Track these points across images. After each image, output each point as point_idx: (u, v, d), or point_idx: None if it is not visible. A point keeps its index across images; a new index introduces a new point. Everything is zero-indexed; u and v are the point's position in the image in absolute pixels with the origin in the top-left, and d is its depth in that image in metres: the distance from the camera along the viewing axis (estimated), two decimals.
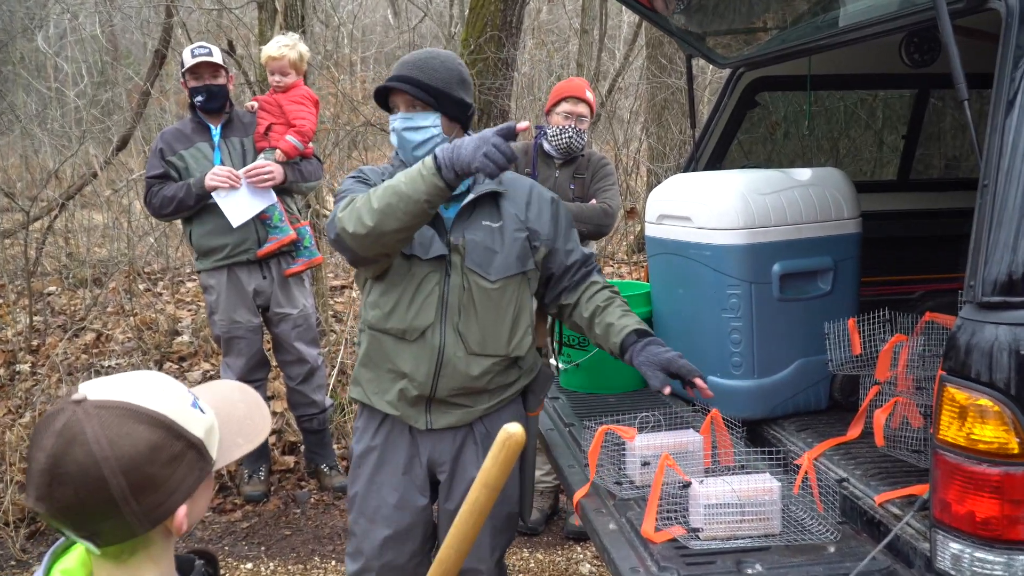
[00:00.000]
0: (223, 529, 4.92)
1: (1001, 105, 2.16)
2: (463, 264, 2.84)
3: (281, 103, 4.85)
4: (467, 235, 2.85)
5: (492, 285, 2.86)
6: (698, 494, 2.55)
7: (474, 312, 2.85)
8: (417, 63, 2.84)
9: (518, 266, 2.91)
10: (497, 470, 1.86)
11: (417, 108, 2.83)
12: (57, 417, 1.37)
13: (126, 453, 1.36)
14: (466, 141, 2.49)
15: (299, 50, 4.95)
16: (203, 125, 4.85)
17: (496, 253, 2.87)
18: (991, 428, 2.04)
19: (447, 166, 2.49)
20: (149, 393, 1.43)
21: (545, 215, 2.99)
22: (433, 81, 2.81)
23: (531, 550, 4.63)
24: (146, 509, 1.38)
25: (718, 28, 4.00)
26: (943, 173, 5.11)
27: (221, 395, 1.64)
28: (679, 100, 10.58)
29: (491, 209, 2.92)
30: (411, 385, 2.88)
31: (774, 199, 3.24)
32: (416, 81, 2.80)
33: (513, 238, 2.90)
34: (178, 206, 4.74)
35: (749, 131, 4.79)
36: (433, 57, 2.87)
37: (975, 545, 2.08)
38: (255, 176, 4.69)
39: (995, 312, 2.08)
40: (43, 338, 7.15)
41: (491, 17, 7.62)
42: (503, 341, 2.90)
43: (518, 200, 2.97)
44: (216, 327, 4.95)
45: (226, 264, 4.82)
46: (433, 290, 2.83)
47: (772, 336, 3.26)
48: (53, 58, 12.92)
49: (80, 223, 9.59)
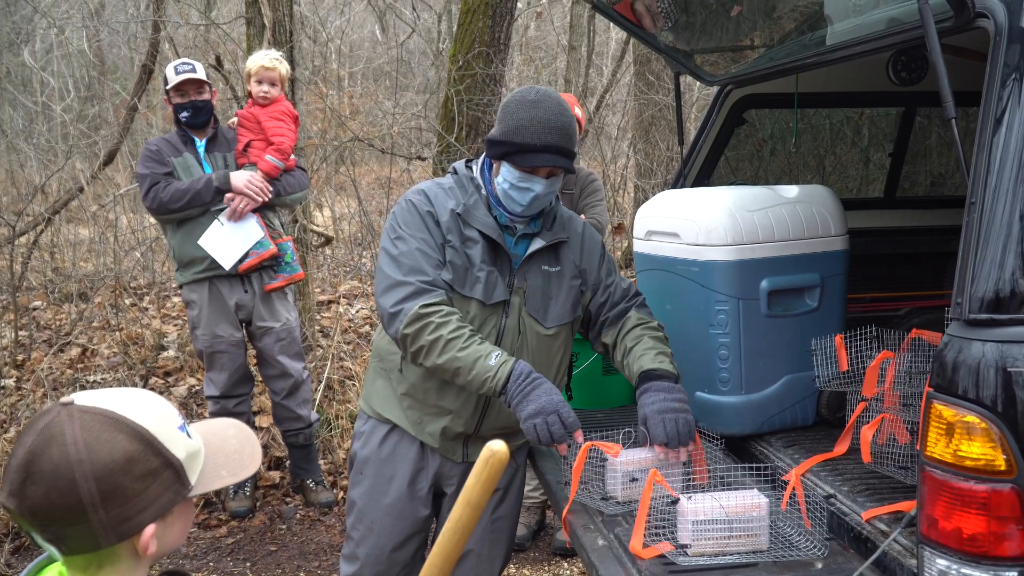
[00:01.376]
0: (208, 545, 4.89)
1: (989, 123, 2.17)
2: (522, 308, 2.82)
3: (260, 119, 4.84)
4: (529, 279, 2.83)
5: (547, 331, 2.86)
6: (686, 510, 2.54)
7: (527, 355, 2.84)
8: (565, 129, 2.68)
9: (571, 314, 2.92)
10: (480, 488, 1.85)
11: (557, 175, 2.75)
12: (43, 417, 1.38)
13: (101, 459, 1.35)
14: (539, 394, 2.52)
15: (286, 66, 4.98)
16: (188, 138, 4.87)
17: (552, 299, 2.86)
18: (978, 445, 2.04)
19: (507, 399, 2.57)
20: (136, 407, 1.43)
21: (595, 258, 3.00)
22: (572, 147, 2.72)
23: (518, 566, 4.61)
24: (113, 520, 1.37)
25: (706, 46, 4.02)
26: (929, 191, 5.14)
27: (215, 430, 1.64)
28: (667, 117, 10.62)
29: (551, 253, 2.89)
30: (456, 423, 2.86)
31: (762, 216, 3.25)
32: (569, 153, 2.71)
33: (570, 286, 2.90)
34: (192, 199, 4.72)
35: (736, 148, 4.81)
36: (570, 119, 2.71)
37: (962, 562, 2.08)
38: (233, 212, 4.74)
39: (982, 329, 2.08)
40: (28, 353, 7.11)
41: (479, 33, 7.63)
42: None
43: (574, 244, 2.95)
44: (198, 342, 4.94)
45: (207, 276, 4.82)
46: (491, 333, 2.80)
47: (760, 352, 3.26)
48: (39, 73, 12.89)
49: (66, 238, 9.56)
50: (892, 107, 4.86)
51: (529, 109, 2.67)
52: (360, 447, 3.05)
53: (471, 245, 2.76)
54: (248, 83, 4.94)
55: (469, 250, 2.76)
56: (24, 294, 8.08)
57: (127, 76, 14.46)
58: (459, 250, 2.75)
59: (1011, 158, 2.12)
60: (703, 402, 3.33)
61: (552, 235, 2.86)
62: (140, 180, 4.83)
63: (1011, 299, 2.07)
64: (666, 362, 2.88)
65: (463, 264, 2.75)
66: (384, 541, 3.00)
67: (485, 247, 2.77)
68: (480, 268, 2.75)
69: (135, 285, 8.95)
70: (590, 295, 2.99)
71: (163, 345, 7.34)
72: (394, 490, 2.98)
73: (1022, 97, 2.14)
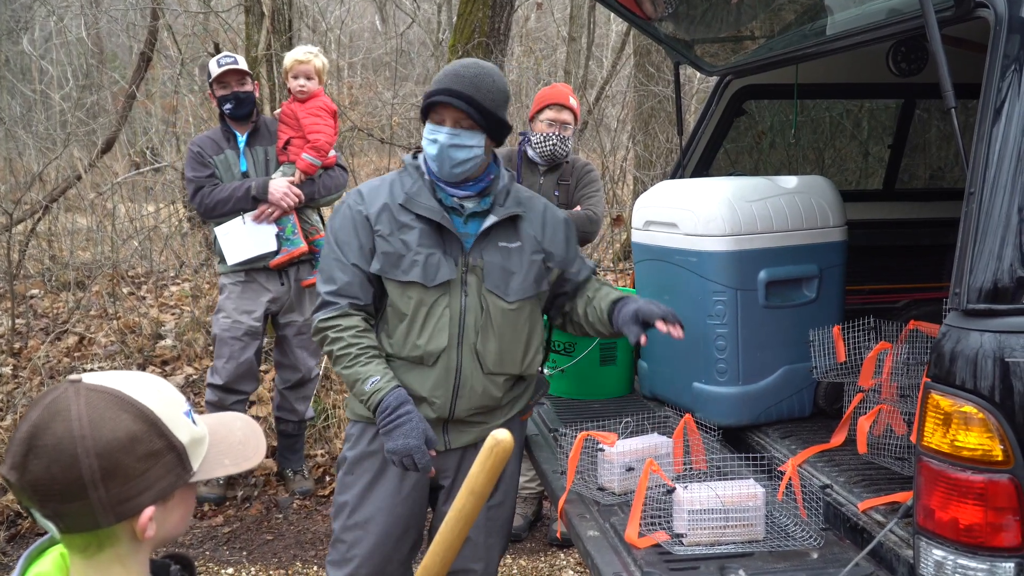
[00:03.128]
0: (204, 534, 4.89)
1: (988, 114, 2.17)
2: (481, 286, 2.84)
3: (298, 115, 4.86)
4: (485, 256, 2.85)
5: (510, 306, 2.87)
6: (682, 500, 2.54)
7: (492, 332, 2.85)
8: (473, 80, 2.77)
9: (534, 288, 2.92)
10: (484, 477, 1.85)
11: (465, 126, 2.79)
12: (50, 393, 1.39)
13: (104, 437, 1.35)
14: (398, 435, 2.66)
15: (322, 59, 4.99)
16: (230, 132, 4.90)
17: (514, 274, 2.87)
18: (975, 435, 2.04)
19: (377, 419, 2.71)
20: (143, 389, 1.44)
21: (559, 236, 3.01)
22: (486, 102, 2.77)
23: (514, 556, 4.61)
24: (113, 499, 1.37)
25: (706, 36, 4.01)
26: (928, 183, 5.13)
27: (222, 420, 1.64)
28: (666, 109, 10.59)
29: (509, 229, 2.91)
30: (430, 409, 2.86)
31: (760, 206, 3.25)
32: (472, 100, 2.75)
33: (531, 260, 2.91)
34: (234, 206, 4.81)
35: (736, 140, 4.80)
36: (486, 75, 2.80)
37: (958, 552, 2.08)
38: (259, 215, 4.79)
39: (980, 319, 2.08)
40: (25, 341, 7.10)
41: (479, 24, 7.62)
42: (518, 360, 2.92)
43: (535, 221, 2.97)
44: (217, 324, 4.95)
45: (246, 269, 4.86)
46: (443, 314, 2.82)
47: (757, 343, 3.26)
48: (38, 61, 12.84)
49: (64, 226, 9.52)
50: (892, 99, 4.86)
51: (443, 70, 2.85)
52: (349, 449, 3.03)
53: (406, 231, 2.82)
54: (286, 79, 4.96)
55: (404, 236, 2.81)
56: (21, 282, 8.06)
57: (126, 64, 14.43)
58: (391, 238, 2.82)
59: (1010, 149, 2.11)
60: (700, 392, 3.33)
61: (505, 211, 2.89)
62: (187, 184, 4.97)
63: (1009, 289, 2.07)
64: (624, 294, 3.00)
65: (397, 251, 2.81)
66: (380, 538, 2.98)
67: (425, 231, 2.82)
68: (417, 252, 2.80)
69: (133, 274, 8.93)
70: (557, 273, 3.01)
71: (160, 334, 7.33)
72: (388, 485, 2.97)
73: (1022, 88, 2.14)
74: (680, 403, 3.46)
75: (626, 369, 3.91)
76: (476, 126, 2.78)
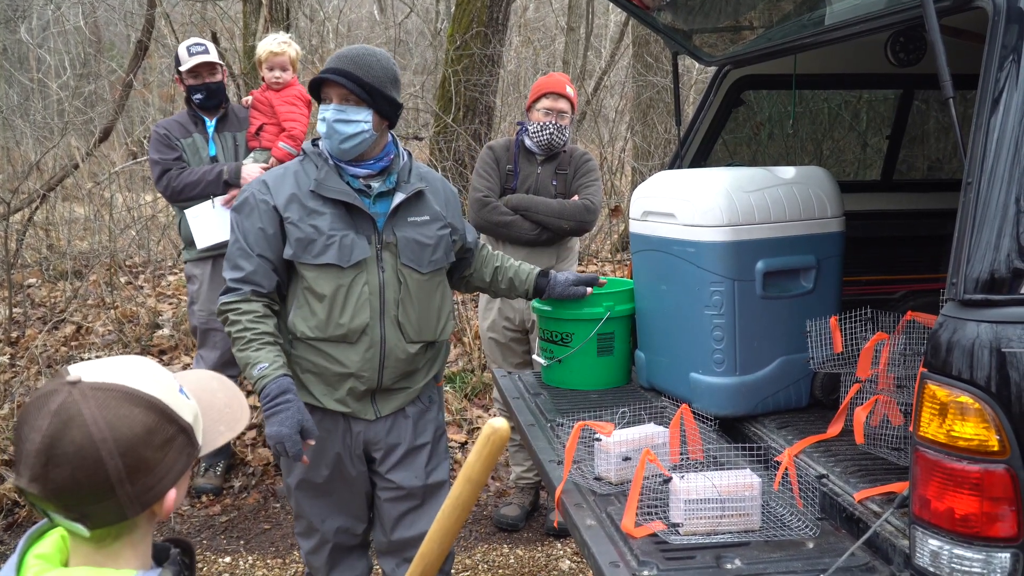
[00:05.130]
0: (201, 523, 4.89)
1: (986, 104, 2.17)
2: (397, 261, 3.02)
3: (273, 103, 4.85)
4: (398, 232, 3.03)
5: (424, 277, 3.08)
6: (679, 489, 2.54)
7: (411, 303, 3.06)
8: (354, 58, 2.92)
9: (445, 258, 3.17)
10: (481, 465, 1.86)
11: (350, 102, 2.92)
12: (51, 398, 1.37)
13: (123, 435, 1.37)
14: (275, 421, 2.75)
15: (295, 47, 4.98)
16: (198, 117, 4.87)
17: (427, 247, 3.07)
18: (971, 425, 2.04)
19: (260, 404, 2.80)
20: (142, 377, 1.45)
21: (454, 207, 3.26)
22: (368, 78, 2.91)
23: (511, 546, 4.62)
24: (139, 492, 1.39)
25: (704, 26, 4.00)
26: (926, 174, 5.13)
27: (200, 384, 1.64)
28: (665, 99, 10.58)
29: (416, 204, 3.10)
30: (359, 382, 3.05)
31: (758, 197, 3.24)
32: (353, 76, 2.89)
33: (439, 233, 3.13)
34: (203, 190, 4.79)
35: (734, 131, 4.79)
36: (370, 54, 2.96)
37: (954, 542, 2.08)
38: (229, 200, 4.76)
39: (977, 310, 2.08)
40: (23, 330, 7.10)
41: (477, 13, 7.61)
42: (433, 326, 3.16)
43: (438, 195, 3.19)
44: (195, 317, 4.96)
45: (212, 255, 4.84)
46: (363, 291, 2.97)
47: (754, 333, 3.26)
48: (36, 49, 12.82)
49: (61, 215, 9.52)
50: (890, 89, 4.85)
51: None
52: None
53: (316, 216, 2.96)
54: (260, 70, 4.94)
55: (315, 221, 2.95)
56: (19, 271, 8.06)
57: (123, 53, 14.40)
58: (301, 224, 2.94)
59: (1008, 139, 2.11)
60: (697, 383, 3.33)
61: (411, 187, 3.07)
62: (152, 166, 4.91)
63: (1006, 279, 2.06)
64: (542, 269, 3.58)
65: (308, 236, 2.94)
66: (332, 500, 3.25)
67: (337, 214, 2.97)
68: (331, 235, 2.94)
69: (130, 263, 8.93)
70: (460, 243, 3.29)
71: (158, 323, 7.34)
72: (328, 462, 3.18)
73: (1019, 78, 2.14)
74: (677, 393, 3.45)
75: (623, 359, 3.90)
76: (361, 102, 2.92)
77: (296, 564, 4.46)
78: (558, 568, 4.41)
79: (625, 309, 3.77)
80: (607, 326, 3.72)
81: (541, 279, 3.52)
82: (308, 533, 3.31)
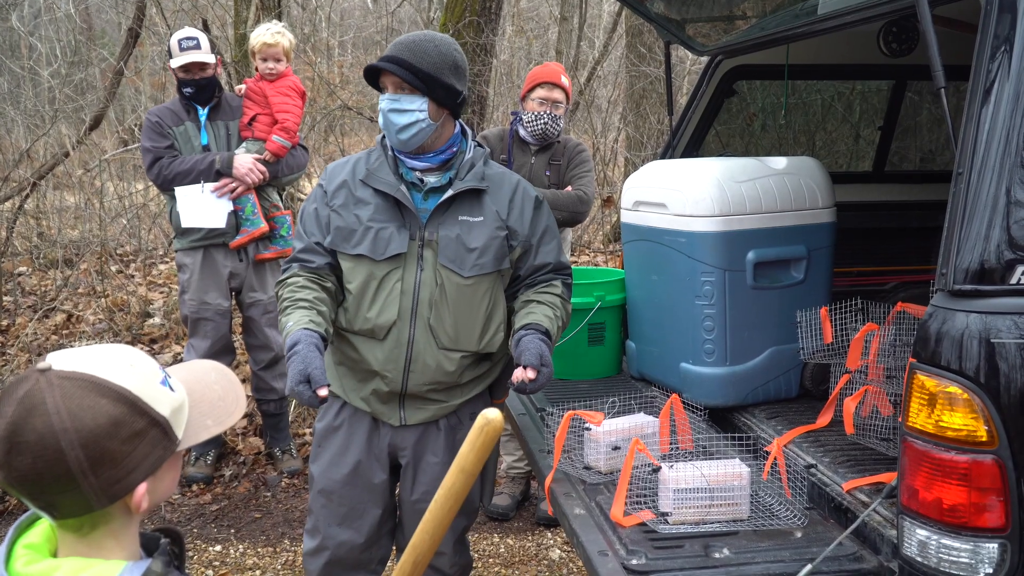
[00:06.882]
0: (192, 511, 4.89)
1: (978, 94, 2.16)
2: (436, 260, 2.83)
3: (267, 93, 4.81)
4: (441, 231, 2.83)
5: (465, 281, 2.84)
6: (668, 479, 2.55)
7: (447, 307, 2.84)
8: (410, 45, 2.79)
9: (494, 264, 2.88)
10: (475, 456, 1.85)
11: (405, 90, 2.79)
12: (21, 385, 1.35)
13: (86, 426, 1.33)
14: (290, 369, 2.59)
15: (289, 36, 4.93)
16: (191, 105, 4.84)
17: (472, 250, 2.84)
18: (960, 415, 2.05)
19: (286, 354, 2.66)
20: (116, 367, 1.41)
21: (527, 214, 2.95)
22: (423, 65, 2.76)
23: (501, 535, 4.63)
24: (104, 484, 1.36)
25: (697, 15, 3.99)
26: (918, 166, 5.13)
27: (197, 375, 1.61)
28: (658, 89, 10.58)
29: (472, 204, 2.88)
30: (383, 383, 2.88)
31: (749, 187, 3.24)
32: (406, 63, 2.76)
33: (493, 236, 2.87)
34: (195, 179, 4.74)
35: (727, 122, 4.79)
36: (428, 40, 2.81)
37: (942, 532, 2.09)
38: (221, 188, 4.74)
39: (967, 300, 2.08)
40: (13, 318, 7.08)
41: (470, 2, 7.58)
42: (475, 337, 2.89)
43: (501, 198, 2.93)
44: (185, 306, 4.93)
45: (203, 245, 4.82)
46: (395, 287, 2.83)
47: (745, 324, 3.26)
48: (27, 37, 12.75)
49: (52, 204, 9.49)
50: (882, 79, 4.85)
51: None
52: (318, 421, 3.10)
53: (361, 206, 2.86)
54: (254, 60, 4.91)
55: (358, 211, 2.86)
56: (9, 259, 8.04)
57: (114, 41, 14.34)
58: (343, 212, 2.87)
59: (999, 129, 2.11)
60: (687, 373, 3.33)
61: (463, 184, 2.86)
62: (143, 154, 4.85)
63: (996, 270, 2.07)
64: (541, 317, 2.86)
65: (348, 225, 2.85)
66: (343, 509, 3.03)
67: (382, 206, 2.85)
68: (368, 226, 2.83)
69: (121, 252, 8.90)
70: (520, 252, 2.95)
71: (149, 312, 7.31)
72: (349, 460, 3.01)
73: (1011, 68, 2.13)
74: (667, 383, 3.46)
75: (614, 349, 3.90)
76: (415, 90, 2.78)
77: (286, 552, 4.46)
78: (548, 557, 4.42)
79: (616, 299, 3.77)
80: (598, 316, 3.72)
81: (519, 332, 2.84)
82: (312, 533, 3.14)
